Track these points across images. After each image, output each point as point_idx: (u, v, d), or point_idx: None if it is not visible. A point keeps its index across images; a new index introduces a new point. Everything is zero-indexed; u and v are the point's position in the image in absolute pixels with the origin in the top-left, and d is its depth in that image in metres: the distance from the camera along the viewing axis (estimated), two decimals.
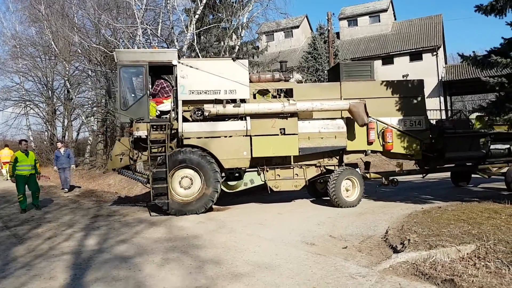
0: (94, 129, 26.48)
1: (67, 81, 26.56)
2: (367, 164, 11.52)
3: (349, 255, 5.99)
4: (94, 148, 26.61)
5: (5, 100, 28.99)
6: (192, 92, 9.84)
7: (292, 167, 10.52)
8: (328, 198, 10.49)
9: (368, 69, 11.17)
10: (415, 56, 32.05)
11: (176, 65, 9.84)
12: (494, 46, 9.37)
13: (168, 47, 18.02)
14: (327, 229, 7.75)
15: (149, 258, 6.18)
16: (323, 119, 10.41)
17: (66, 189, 15.37)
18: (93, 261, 6.10)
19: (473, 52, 9.58)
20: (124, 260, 6.13)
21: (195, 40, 16.35)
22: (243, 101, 9.96)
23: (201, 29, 17.10)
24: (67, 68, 26.11)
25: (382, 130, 10.65)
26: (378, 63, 31.84)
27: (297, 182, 10.53)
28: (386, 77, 22.56)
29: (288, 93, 10.38)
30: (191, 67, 9.84)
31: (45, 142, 30.40)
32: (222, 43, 18.11)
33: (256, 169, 10.35)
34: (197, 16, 16.61)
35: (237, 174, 10.44)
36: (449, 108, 33.01)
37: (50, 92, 28.92)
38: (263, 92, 10.48)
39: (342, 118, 10.49)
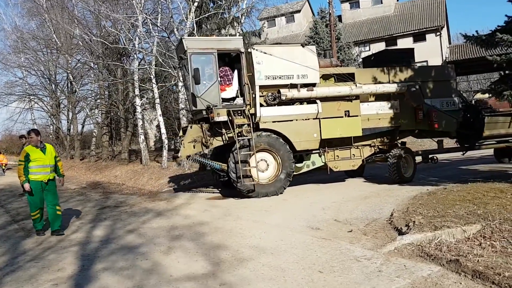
0: (99, 121, 26.55)
1: (69, 74, 26.56)
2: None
3: (354, 238, 6.00)
4: (100, 140, 26.76)
5: (9, 95, 29.17)
6: (268, 78, 10.04)
7: (350, 147, 10.97)
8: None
9: (409, 56, 12.31)
10: (419, 37, 31.75)
11: (243, 52, 10.03)
12: (498, 24, 9.32)
13: (168, 37, 17.91)
14: (332, 214, 7.76)
15: (155, 247, 6.24)
16: (379, 101, 11.07)
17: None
18: (101, 252, 6.16)
19: (476, 31, 9.55)
20: (131, 249, 6.18)
21: (195, 29, 16.21)
22: (313, 85, 10.26)
23: (201, 17, 16.94)
24: (69, 61, 26.09)
25: (427, 111, 11.31)
26: (381, 45, 31.53)
27: (354, 162, 11.08)
28: None
29: (351, 77, 10.79)
30: (265, 53, 9.98)
31: (50, 136, 30.63)
32: (223, 31, 17.93)
33: (318, 151, 10.69)
34: (196, 4, 16.43)
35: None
36: None
37: (53, 85, 29.03)
38: (326, 77, 10.83)
39: (393, 99, 11.17)
